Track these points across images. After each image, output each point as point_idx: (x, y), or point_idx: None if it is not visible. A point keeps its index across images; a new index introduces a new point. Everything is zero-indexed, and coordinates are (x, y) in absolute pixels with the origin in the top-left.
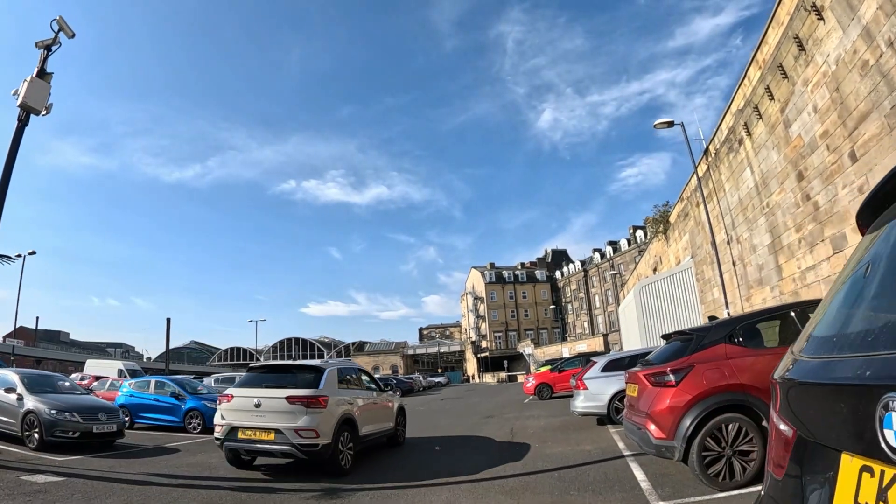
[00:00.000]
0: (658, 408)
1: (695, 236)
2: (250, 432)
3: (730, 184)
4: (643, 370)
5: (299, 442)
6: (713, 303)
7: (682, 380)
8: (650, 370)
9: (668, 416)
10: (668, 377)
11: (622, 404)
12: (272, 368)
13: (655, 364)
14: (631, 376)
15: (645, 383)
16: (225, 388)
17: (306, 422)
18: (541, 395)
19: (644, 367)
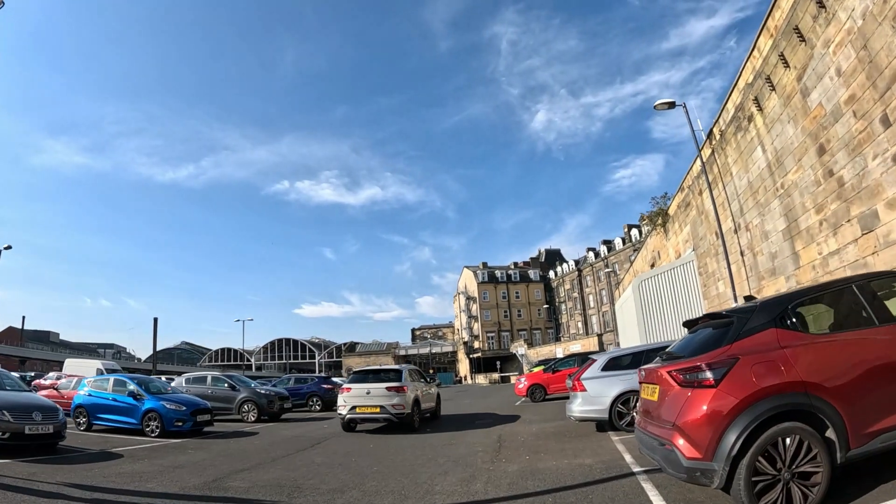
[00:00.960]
0: (691, 417)
1: (697, 227)
2: (363, 409)
3: (738, 166)
4: (667, 366)
5: (395, 412)
6: (717, 297)
7: (723, 378)
8: (677, 365)
9: (706, 429)
10: (703, 374)
11: (625, 408)
12: (371, 371)
13: (684, 357)
14: (648, 374)
15: (670, 383)
16: (195, 387)
17: (398, 400)
18: (533, 396)
19: (667, 363)
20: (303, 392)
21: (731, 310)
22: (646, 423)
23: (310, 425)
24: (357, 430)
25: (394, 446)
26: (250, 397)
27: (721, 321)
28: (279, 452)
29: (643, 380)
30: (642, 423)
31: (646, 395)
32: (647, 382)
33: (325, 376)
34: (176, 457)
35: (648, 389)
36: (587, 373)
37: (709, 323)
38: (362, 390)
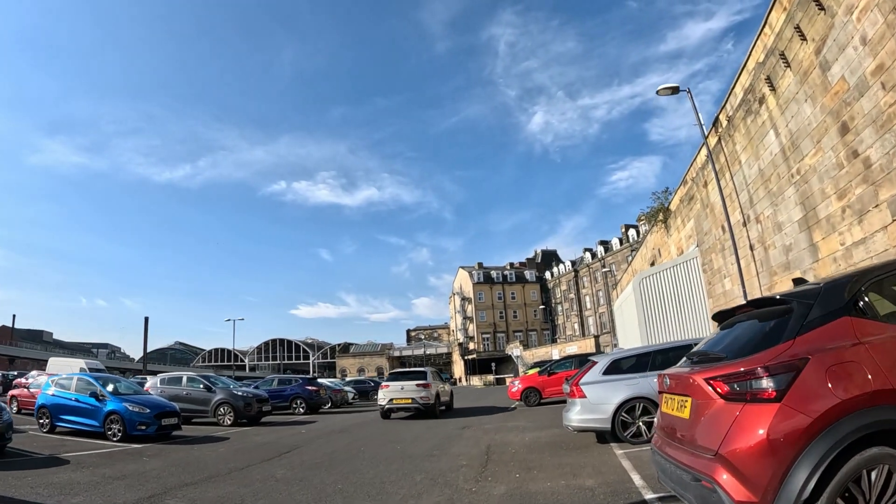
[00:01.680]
0: (743, 444)
1: (701, 221)
2: (398, 400)
3: (747, 153)
4: (704, 371)
5: (422, 402)
6: (723, 296)
7: (789, 387)
8: (720, 370)
9: (766, 462)
10: (761, 383)
11: (630, 417)
12: (403, 372)
13: (726, 359)
14: (676, 382)
15: (710, 395)
16: (170, 388)
17: (425, 394)
18: (528, 400)
19: (703, 366)
20: (286, 394)
21: (787, 294)
22: (669, 447)
23: (287, 430)
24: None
25: (369, 456)
26: (226, 399)
27: (773, 309)
28: (240, 463)
29: (667, 389)
30: (663, 445)
31: (670, 408)
32: (674, 393)
33: (311, 377)
34: (125, 465)
35: (674, 402)
36: (587, 377)
37: (753, 312)
38: (398, 386)
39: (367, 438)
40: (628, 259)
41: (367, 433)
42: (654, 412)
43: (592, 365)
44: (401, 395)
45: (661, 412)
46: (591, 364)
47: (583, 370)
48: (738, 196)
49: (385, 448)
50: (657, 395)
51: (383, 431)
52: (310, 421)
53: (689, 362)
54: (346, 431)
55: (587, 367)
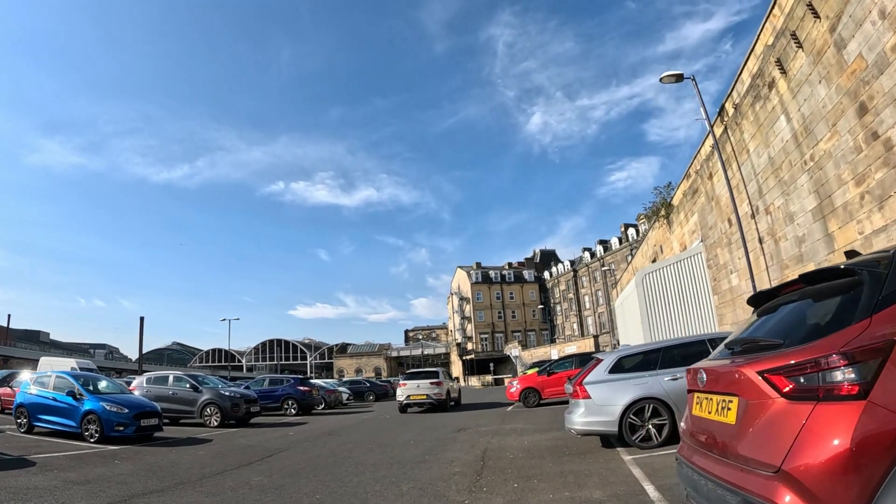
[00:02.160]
0: (816, 456)
1: (706, 215)
2: (414, 396)
3: (756, 142)
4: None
5: (435, 398)
6: (730, 292)
7: (876, 379)
8: (777, 359)
9: (849, 480)
10: (837, 375)
11: (639, 419)
12: (418, 372)
13: (787, 346)
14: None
15: (764, 392)
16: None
17: (438, 391)
18: (526, 401)
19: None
20: (277, 394)
21: (851, 263)
22: (704, 458)
23: (274, 432)
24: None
25: (355, 462)
26: (213, 400)
27: (835, 283)
28: (216, 467)
29: (702, 387)
30: (695, 456)
31: (705, 411)
32: (713, 392)
33: (302, 377)
34: (93, 469)
35: (712, 403)
36: (591, 376)
37: (807, 290)
38: (414, 384)
39: (357, 442)
40: (628, 258)
41: (357, 436)
42: (665, 414)
43: (597, 363)
44: (417, 392)
45: (690, 416)
46: (595, 362)
47: (586, 369)
48: (746, 187)
49: (374, 453)
50: (668, 396)
51: (375, 434)
52: (300, 422)
53: (730, 353)
54: (336, 434)
55: (591, 365)
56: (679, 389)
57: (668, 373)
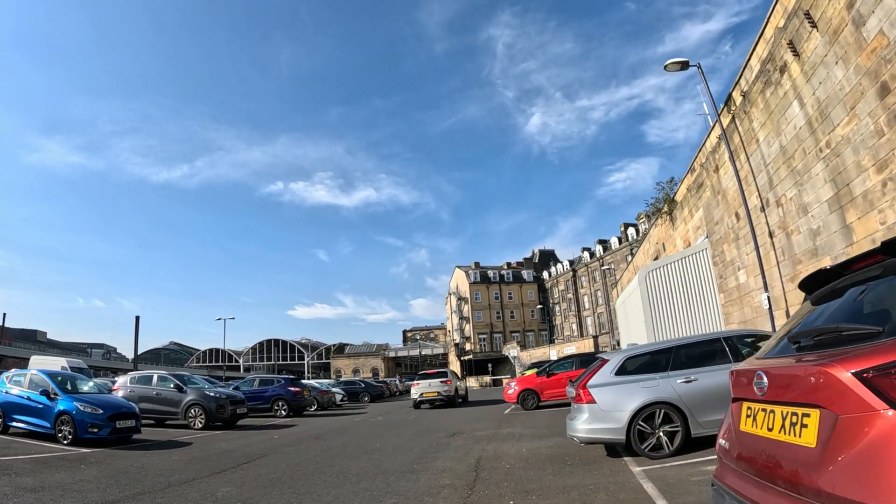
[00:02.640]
0: None
1: (711, 210)
2: (427, 393)
3: (766, 130)
4: (842, 358)
5: (445, 395)
6: (737, 290)
7: None
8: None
9: None
10: None
11: (649, 426)
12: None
13: (890, 336)
14: (782, 381)
15: (865, 402)
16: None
17: (447, 388)
18: (525, 403)
19: (836, 353)
20: (267, 395)
21: None
22: (758, 489)
23: (259, 435)
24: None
25: (337, 471)
26: (197, 401)
27: None
28: (186, 475)
29: (761, 394)
30: (744, 484)
31: (761, 427)
32: (776, 401)
33: (293, 377)
34: (53, 474)
35: (774, 416)
36: (596, 377)
37: (887, 263)
38: (426, 383)
39: (343, 447)
40: (628, 258)
41: (344, 440)
42: (677, 420)
43: (602, 364)
44: (429, 389)
45: (737, 432)
46: (600, 363)
47: (591, 370)
48: (756, 179)
49: (359, 460)
50: (681, 400)
51: (364, 438)
52: (289, 425)
53: (796, 348)
54: (323, 438)
55: (596, 366)
56: (693, 393)
57: (680, 374)
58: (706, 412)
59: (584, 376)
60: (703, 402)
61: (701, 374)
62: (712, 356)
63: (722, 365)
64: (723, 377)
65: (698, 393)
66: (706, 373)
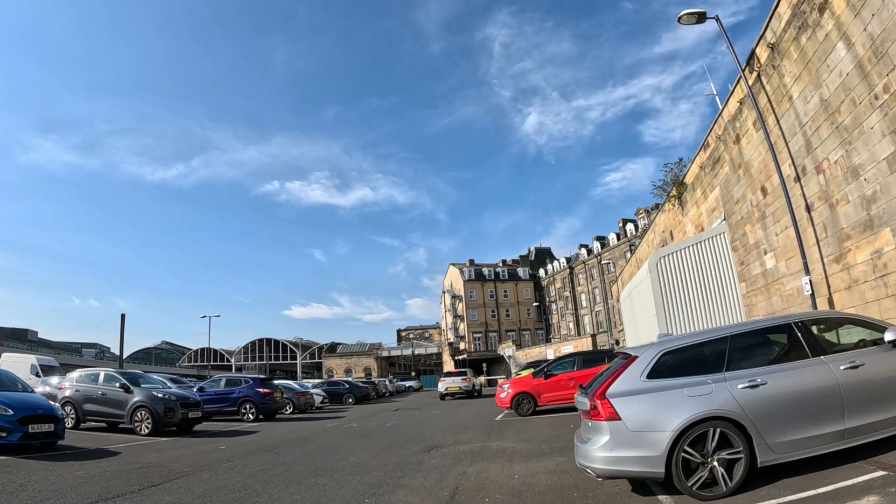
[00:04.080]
0: None
1: (730, 188)
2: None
3: (801, 84)
4: None
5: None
6: (763, 276)
7: None
8: None
9: None
10: None
11: (698, 453)
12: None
13: None
14: None
15: None
16: (85, 386)
17: (467, 384)
18: (519, 409)
19: None
20: (234, 397)
21: None
22: None
23: (204, 445)
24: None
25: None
26: (144, 402)
27: None
28: (67, 500)
29: None
30: None
31: None
32: None
33: (264, 378)
34: None
35: None
36: (620, 382)
37: None
38: (451, 380)
39: (291, 464)
40: (626, 255)
41: (298, 454)
42: (739, 443)
43: (628, 363)
44: (452, 385)
45: None
46: (624, 361)
47: (611, 371)
48: (788, 144)
49: (297, 487)
50: (744, 413)
51: (322, 451)
52: (250, 431)
53: None
54: (275, 450)
55: (618, 366)
56: (761, 402)
57: (741, 376)
58: (780, 430)
59: (602, 380)
60: (776, 416)
61: (771, 376)
62: (783, 349)
63: (798, 362)
64: (801, 379)
65: (768, 402)
66: (778, 373)
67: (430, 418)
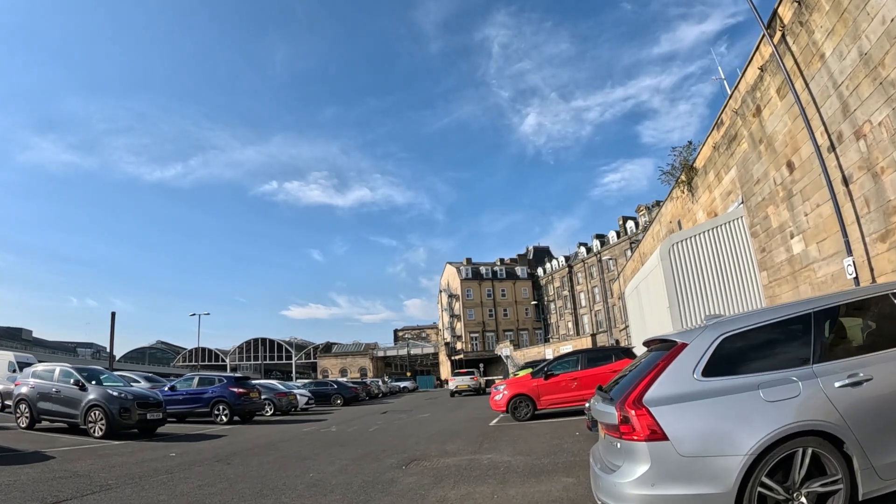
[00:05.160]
0: None
1: (749, 167)
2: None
3: (835, 39)
4: None
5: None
6: (789, 264)
7: None
8: None
9: None
10: None
11: (779, 484)
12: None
13: None
14: None
15: None
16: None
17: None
18: (516, 413)
19: None
20: (206, 397)
21: None
22: None
23: (155, 452)
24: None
25: None
26: (98, 402)
27: None
28: None
29: None
30: None
31: None
32: None
33: (241, 377)
34: None
35: None
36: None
37: None
38: (460, 378)
39: (233, 481)
40: (627, 253)
41: (250, 467)
42: (837, 469)
43: (674, 351)
44: (462, 383)
45: None
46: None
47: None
48: (820, 110)
49: None
50: (843, 424)
51: (283, 463)
52: (217, 435)
53: None
54: (227, 461)
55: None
56: (866, 404)
57: (836, 369)
58: (891, 445)
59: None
60: (886, 425)
61: (876, 367)
62: (881, 326)
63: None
64: None
65: (876, 405)
66: (885, 363)
67: (417, 423)
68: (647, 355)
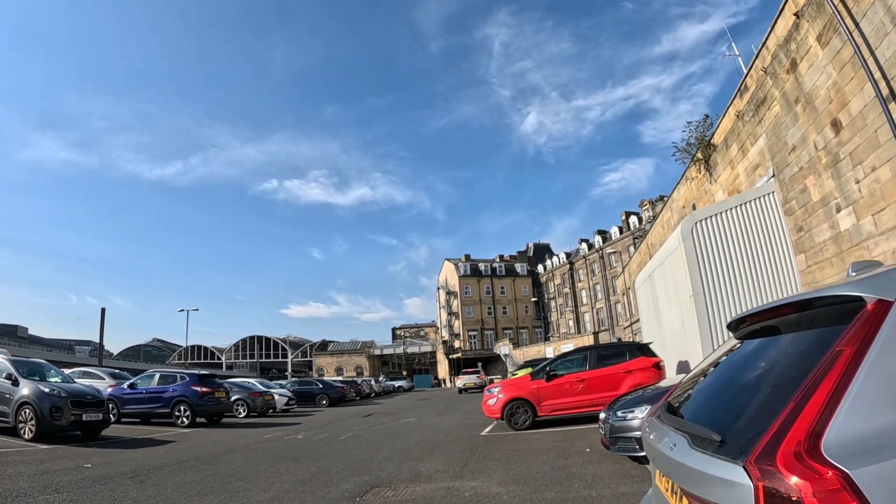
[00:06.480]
0: None
1: (783, 133)
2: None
3: None
4: None
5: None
6: (835, 243)
7: None
8: None
9: None
10: None
11: None
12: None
13: None
14: None
15: None
16: None
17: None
18: (513, 420)
19: None
20: (167, 396)
21: None
22: None
23: (75, 460)
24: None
25: None
26: (29, 399)
27: None
28: None
29: None
30: None
31: None
32: None
33: (205, 374)
34: None
35: None
36: (861, 402)
37: None
38: (467, 377)
39: None
40: (630, 249)
41: (165, 489)
42: None
43: (870, 323)
44: (468, 381)
45: None
46: (854, 321)
47: (808, 363)
48: (874, 52)
49: None
50: None
51: (200, 487)
52: (165, 441)
53: None
54: (142, 478)
55: (844, 339)
56: None
57: None
58: None
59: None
60: None
61: None
62: None
63: None
64: None
65: None
66: None
67: (397, 430)
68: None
